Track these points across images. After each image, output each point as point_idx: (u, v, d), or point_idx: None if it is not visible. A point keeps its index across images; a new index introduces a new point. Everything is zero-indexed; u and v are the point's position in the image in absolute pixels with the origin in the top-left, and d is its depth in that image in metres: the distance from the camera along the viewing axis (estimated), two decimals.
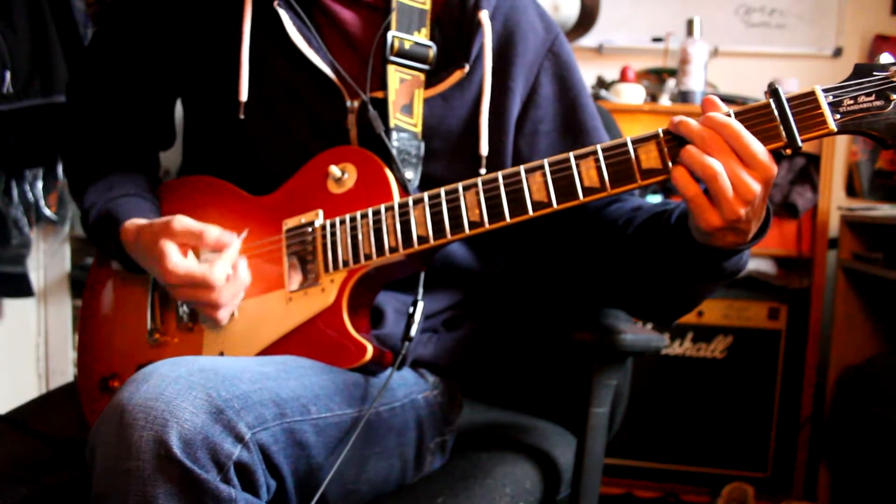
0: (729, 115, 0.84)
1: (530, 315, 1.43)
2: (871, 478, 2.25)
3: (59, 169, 2.15)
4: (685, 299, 1.03)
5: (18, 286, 2.11)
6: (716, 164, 0.82)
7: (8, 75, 1.79)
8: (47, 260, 2.39)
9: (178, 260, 0.98)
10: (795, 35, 2.83)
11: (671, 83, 2.62)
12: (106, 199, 1.13)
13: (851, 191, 2.84)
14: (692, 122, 0.84)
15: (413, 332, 1.01)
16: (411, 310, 1.02)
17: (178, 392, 0.80)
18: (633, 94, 2.55)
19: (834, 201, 2.63)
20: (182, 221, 1.00)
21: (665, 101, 2.60)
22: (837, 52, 2.82)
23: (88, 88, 1.22)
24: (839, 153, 2.76)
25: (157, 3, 1.13)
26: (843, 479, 2.45)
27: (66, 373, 2.43)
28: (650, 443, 2.49)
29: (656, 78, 2.74)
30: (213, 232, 1.00)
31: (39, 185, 2.10)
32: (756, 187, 0.82)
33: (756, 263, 2.47)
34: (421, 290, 1.03)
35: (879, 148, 2.83)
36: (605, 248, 1.09)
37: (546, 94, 1.14)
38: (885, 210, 2.40)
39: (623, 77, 2.63)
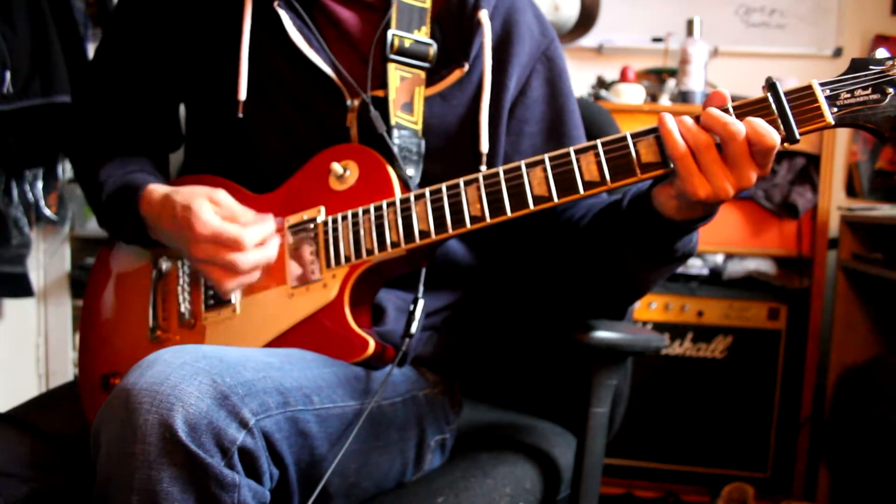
0: (728, 112, 0.85)
1: (530, 315, 1.43)
2: (871, 478, 2.25)
3: (60, 169, 2.15)
4: (634, 287, 1.05)
5: (18, 286, 2.11)
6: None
7: (8, 75, 1.79)
8: (47, 260, 2.39)
9: (212, 216, 0.98)
10: (795, 35, 2.83)
11: (671, 83, 2.62)
12: (122, 173, 1.13)
13: (851, 191, 2.84)
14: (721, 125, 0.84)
15: (413, 328, 1.01)
16: (412, 307, 1.03)
17: (183, 377, 0.80)
18: (633, 94, 2.55)
19: (834, 201, 2.63)
20: (225, 194, 1.01)
21: (665, 101, 2.60)
22: (837, 52, 2.82)
23: (96, 94, 1.22)
24: (839, 153, 2.77)
25: (160, 7, 1.13)
26: (843, 479, 2.45)
27: (66, 373, 2.43)
28: (650, 443, 2.49)
29: (656, 78, 2.74)
30: (249, 213, 1.01)
31: (39, 185, 2.10)
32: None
33: (756, 263, 2.47)
34: (422, 288, 1.04)
35: (879, 148, 2.82)
36: (562, 243, 1.11)
37: (535, 96, 1.14)
38: (885, 210, 2.40)
39: (623, 77, 2.63)
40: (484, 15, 1.08)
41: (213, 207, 0.99)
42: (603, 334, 1.11)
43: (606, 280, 1.05)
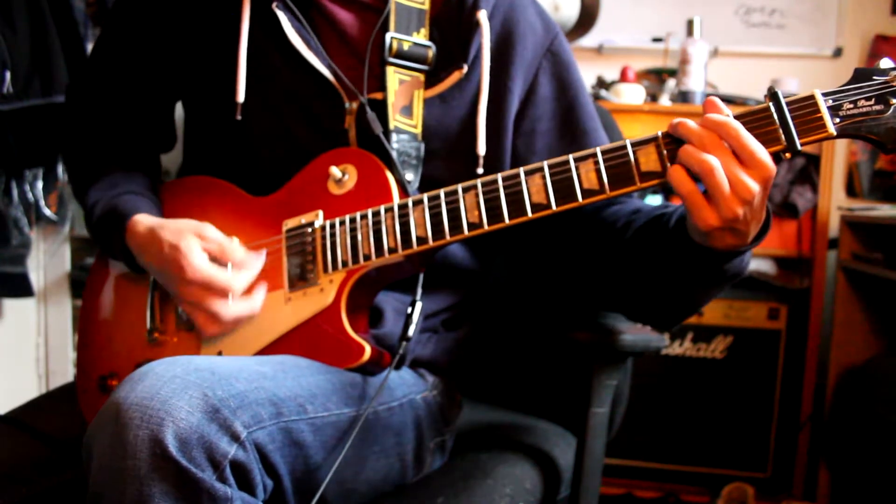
0: (728, 117, 0.84)
1: (530, 315, 1.43)
2: (871, 478, 2.25)
3: (60, 169, 2.15)
4: (687, 303, 1.03)
5: (18, 286, 2.11)
6: (711, 160, 0.82)
7: (8, 75, 1.79)
8: (47, 260, 2.39)
9: (201, 259, 0.99)
10: (795, 35, 2.83)
11: (671, 83, 2.62)
12: (110, 196, 1.13)
13: (851, 191, 2.84)
14: (690, 122, 0.85)
15: (411, 331, 1.01)
16: (410, 310, 1.02)
17: (174, 391, 0.80)
18: (633, 94, 2.55)
19: (834, 201, 2.63)
20: (213, 228, 1.02)
21: (665, 101, 2.60)
22: (837, 53, 2.82)
23: (90, 93, 1.22)
24: (839, 153, 2.76)
25: (158, 7, 1.13)
26: (843, 479, 2.45)
27: (66, 373, 2.43)
28: (650, 443, 2.50)
29: (656, 78, 2.74)
30: (240, 249, 1.02)
31: (39, 185, 2.10)
32: (754, 187, 0.83)
33: (756, 263, 2.47)
34: (420, 291, 1.03)
35: None
36: (603, 250, 1.09)
37: (544, 93, 1.14)
38: (885, 210, 2.40)
39: (623, 77, 2.63)
40: (483, 15, 1.08)
41: (201, 245, 1.00)
42: (603, 335, 1.11)
43: (657, 294, 1.04)
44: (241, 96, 1.07)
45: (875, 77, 0.83)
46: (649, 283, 1.03)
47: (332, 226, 1.02)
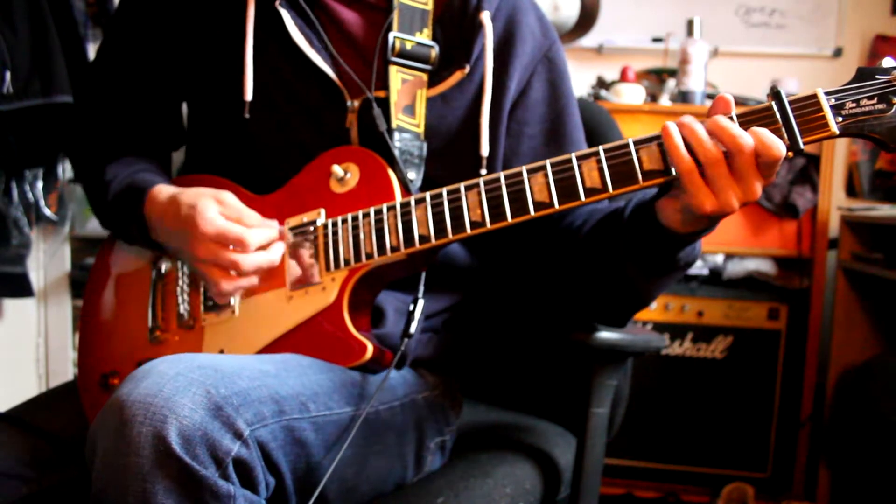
0: (733, 119, 0.84)
1: (530, 315, 1.43)
2: (871, 478, 2.26)
3: (60, 169, 2.15)
4: (637, 296, 1.04)
5: (18, 286, 2.11)
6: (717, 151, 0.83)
7: (8, 75, 1.79)
8: (47, 260, 2.39)
9: (216, 215, 0.99)
10: (795, 35, 2.83)
11: (671, 83, 2.62)
12: (129, 173, 1.13)
13: (851, 191, 2.84)
14: (702, 134, 0.84)
15: (413, 329, 1.01)
16: (411, 307, 1.02)
17: (177, 388, 0.80)
18: (633, 94, 2.55)
19: (834, 201, 2.63)
20: (231, 195, 1.03)
21: (665, 101, 2.60)
22: (838, 53, 2.82)
23: (98, 94, 1.21)
24: (839, 153, 2.76)
25: (162, 7, 1.13)
26: (843, 479, 2.45)
27: (66, 373, 2.43)
28: (650, 443, 2.50)
29: (656, 78, 2.74)
30: (255, 216, 1.02)
31: (39, 185, 2.10)
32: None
33: (756, 263, 2.47)
34: (422, 289, 1.03)
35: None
36: (561, 250, 1.10)
37: (536, 97, 1.14)
38: (885, 210, 2.40)
39: (623, 77, 2.63)
40: (486, 16, 1.08)
41: (218, 207, 1.00)
42: (603, 335, 1.11)
43: (609, 289, 1.04)
44: (248, 94, 1.07)
45: (878, 76, 0.83)
46: (602, 279, 1.04)
47: (335, 224, 1.02)
